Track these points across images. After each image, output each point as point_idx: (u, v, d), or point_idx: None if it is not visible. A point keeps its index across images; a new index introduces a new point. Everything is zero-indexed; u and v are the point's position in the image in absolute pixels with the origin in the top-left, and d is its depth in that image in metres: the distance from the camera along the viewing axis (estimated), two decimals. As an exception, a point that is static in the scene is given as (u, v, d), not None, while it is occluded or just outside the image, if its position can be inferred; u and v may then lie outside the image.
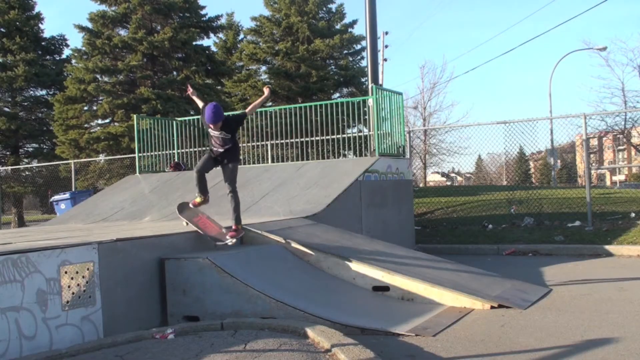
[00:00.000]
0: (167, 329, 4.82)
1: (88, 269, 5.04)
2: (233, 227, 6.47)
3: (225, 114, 6.50)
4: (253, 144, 14.04)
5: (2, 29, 26.21)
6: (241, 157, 14.94)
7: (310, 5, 28.22)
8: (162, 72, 23.47)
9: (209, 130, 6.43)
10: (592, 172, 20.20)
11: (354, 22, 29.36)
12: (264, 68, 29.63)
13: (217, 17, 24.87)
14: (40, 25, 27.79)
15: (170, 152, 13.15)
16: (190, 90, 6.98)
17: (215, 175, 11.08)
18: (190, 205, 6.84)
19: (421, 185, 25.82)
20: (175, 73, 23.55)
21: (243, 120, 7.01)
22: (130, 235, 5.88)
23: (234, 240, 6.41)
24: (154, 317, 5.70)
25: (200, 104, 6.76)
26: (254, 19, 29.08)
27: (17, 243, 5.66)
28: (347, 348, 4.10)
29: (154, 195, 11.03)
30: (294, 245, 6.72)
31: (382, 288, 6.25)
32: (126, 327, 5.15)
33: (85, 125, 23.10)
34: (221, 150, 6.46)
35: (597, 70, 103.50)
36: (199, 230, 6.51)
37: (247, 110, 6.79)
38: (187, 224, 6.70)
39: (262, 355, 4.09)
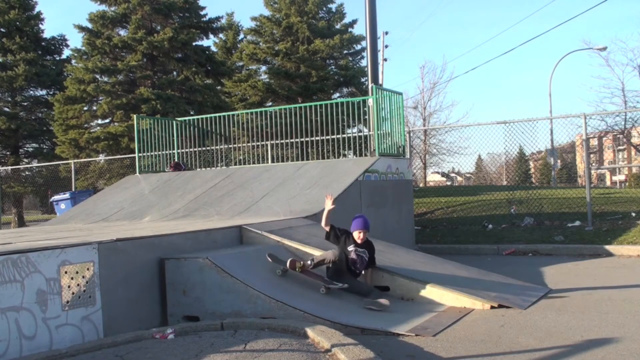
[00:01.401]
0: (167, 329, 4.82)
1: (88, 269, 5.04)
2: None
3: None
4: (253, 144, 14.04)
5: (2, 29, 26.21)
6: (241, 158, 14.98)
7: (310, 5, 28.22)
8: (162, 72, 23.47)
9: (348, 250, 5.97)
10: (592, 172, 20.19)
11: (354, 22, 29.38)
12: (264, 68, 29.66)
13: (217, 19, 24.87)
14: (40, 25, 27.81)
15: (170, 152, 13.16)
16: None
17: (215, 176, 11.10)
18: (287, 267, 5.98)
19: (421, 185, 25.81)
20: (175, 73, 23.55)
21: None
22: (130, 235, 5.88)
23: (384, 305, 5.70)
24: (154, 317, 5.70)
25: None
26: (254, 19, 29.11)
27: (17, 243, 5.66)
28: (347, 348, 4.10)
29: (154, 195, 11.03)
30: (294, 245, 6.72)
31: (382, 288, 6.25)
32: (126, 327, 5.15)
33: (85, 125, 23.10)
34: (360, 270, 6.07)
35: (597, 70, 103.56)
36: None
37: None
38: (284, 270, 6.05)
39: (262, 355, 4.09)
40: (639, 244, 9.51)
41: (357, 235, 6.05)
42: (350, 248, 6.06)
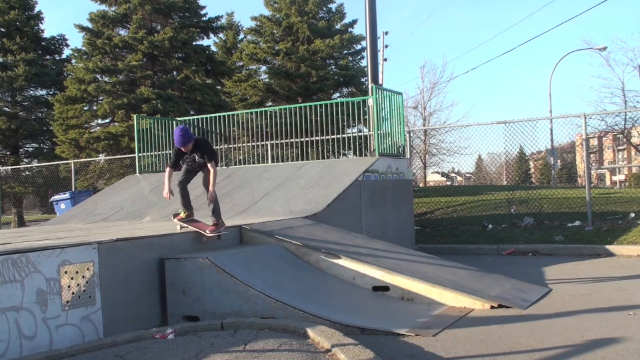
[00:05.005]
0: (167, 329, 4.82)
1: (88, 269, 5.04)
2: (213, 222, 6.51)
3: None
4: (253, 144, 14.04)
5: (2, 29, 26.20)
6: (240, 158, 15.00)
7: (310, 5, 28.20)
8: (162, 72, 23.45)
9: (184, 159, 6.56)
10: (592, 172, 20.19)
11: (354, 22, 29.34)
12: (264, 68, 29.62)
13: (217, 18, 24.85)
14: (40, 25, 27.79)
15: (170, 152, 13.14)
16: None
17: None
18: (175, 220, 6.73)
19: (421, 185, 25.81)
20: (175, 73, 23.54)
21: (212, 160, 6.60)
22: (130, 235, 5.88)
23: (217, 233, 6.43)
24: (154, 317, 5.70)
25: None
26: (254, 18, 29.06)
27: (17, 243, 5.66)
28: (347, 348, 4.10)
29: (154, 195, 11.03)
30: (294, 245, 6.72)
31: (382, 288, 6.25)
32: (126, 327, 5.15)
33: (85, 125, 23.08)
34: (197, 167, 6.68)
35: (598, 69, 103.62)
36: (194, 228, 6.53)
37: (212, 172, 6.54)
38: (181, 227, 6.66)
39: (262, 355, 4.09)
40: (639, 244, 9.51)
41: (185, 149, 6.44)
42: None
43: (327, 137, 12.32)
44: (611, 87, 33.77)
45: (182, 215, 6.69)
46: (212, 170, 6.51)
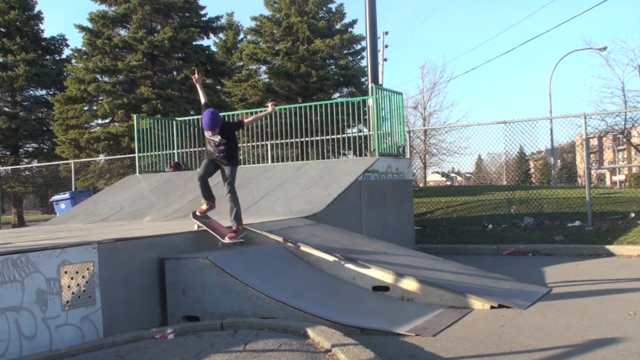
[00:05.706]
0: (167, 329, 4.82)
1: (88, 269, 5.04)
2: (233, 228, 6.47)
3: (224, 117, 6.50)
4: (253, 144, 14.04)
5: (2, 29, 26.21)
6: (240, 159, 15.00)
7: (310, 5, 28.21)
8: (162, 72, 23.47)
9: (206, 134, 6.45)
10: (592, 172, 20.20)
11: (354, 22, 29.36)
12: (264, 68, 29.64)
13: (217, 18, 24.88)
14: (40, 25, 27.81)
15: (170, 152, 13.15)
16: (196, 77, 6.83)
17: (215, 176, 11.09)
18: (197, 213, 6.73)
19: (421, 185, 25.81)
20: (175, 73, 23.55)
21: (240, 128, 7.13)
22: (130, 235, 5.88)
23: (235, 241, 6.40)
24: (154, 317, 5.70)
25: (202, 97, 6.69)
26: (254, 18, 29.10)
27: (17, 243, 5.66)
28: (347, 348, 4.10)
29: (154, 195, 11.04)
30: (294, 245, 6.72)
31: (382, 288, 6.25)
32: (126, 327, 5.15)
33: (85, 125, 23.09)
34: (216, 154, 6.48)
35: (598, 69, 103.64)
36: (211, 232, 6.49)
37: (245, 120, 6.94)
38: (198, 227, 6.62)
39: (262, 355, 4.09)
40: (639, 244, 9.51)
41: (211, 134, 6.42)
42: (206, 134, 6.48)
43: (327, 137, 12.32)
44: (611, 87, 33.87)
45: (204, 207, 6.67)
46: (251, 118, 7.08)
